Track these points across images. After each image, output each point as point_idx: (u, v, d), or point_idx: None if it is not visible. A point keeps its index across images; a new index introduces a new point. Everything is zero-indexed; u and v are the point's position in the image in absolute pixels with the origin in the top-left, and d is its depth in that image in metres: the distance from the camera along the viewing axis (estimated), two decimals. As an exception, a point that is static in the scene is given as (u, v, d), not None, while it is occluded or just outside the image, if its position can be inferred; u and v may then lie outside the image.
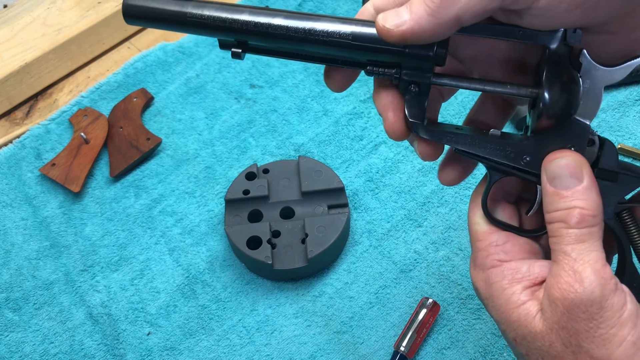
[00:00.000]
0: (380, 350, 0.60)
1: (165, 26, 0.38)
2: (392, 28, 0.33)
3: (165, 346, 0.62)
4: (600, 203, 0.36)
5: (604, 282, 0.34)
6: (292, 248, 0.64)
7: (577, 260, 0.35)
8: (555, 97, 0.36)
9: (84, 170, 0.74)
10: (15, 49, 0.84)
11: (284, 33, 0.36)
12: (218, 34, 0.38)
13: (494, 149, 0.39)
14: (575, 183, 0.36)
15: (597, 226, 0.35)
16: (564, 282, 0.35)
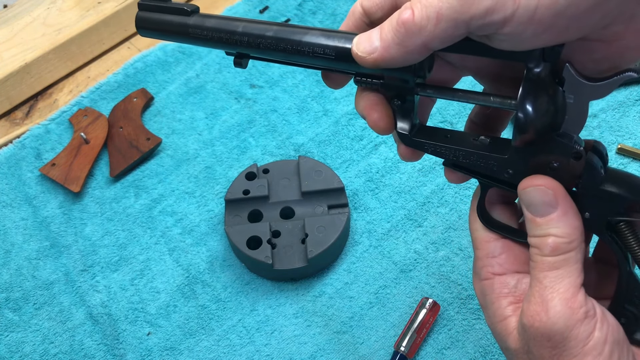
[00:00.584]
0: (380, 350, 0.60)
1: (172, 38, 0.42)
2: (364, 55, 0.35)
3: (165, 346, 0.62)
4: (578, 225, 0.35)
5: (570, 313, 0.34)
6: (292, 248, 0.64)
7: (547, 289, 0.35)
8: (530, 117, 0.35)
9: (84, 170, 0.74)
10: (15, 49, 0.84)
11: (274, 47, 0.39)
12: (218, 46, 0.41)
13: (478, 161, 0.38)
14: (549, 210, 0.35)
15: (574, 251, 0.35)
16: (533, 310, 0.35)
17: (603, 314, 0.35)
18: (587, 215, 0.36)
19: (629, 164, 0.68)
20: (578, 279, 0.35)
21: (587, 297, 0.35)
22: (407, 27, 0.33)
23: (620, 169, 0.39)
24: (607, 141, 0.70)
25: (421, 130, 0.40)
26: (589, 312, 0.35)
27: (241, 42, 0.40)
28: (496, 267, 0.40)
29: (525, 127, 0.35)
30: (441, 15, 0.32)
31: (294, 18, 0.88)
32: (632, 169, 0.68)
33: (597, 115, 0.73)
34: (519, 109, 0.35)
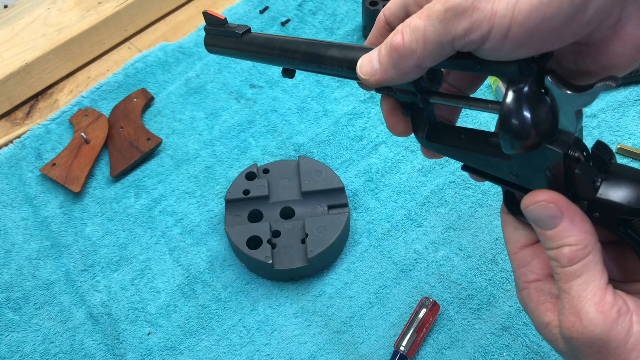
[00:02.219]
0: (380, 350, 0.60)
1: (231, 55, 0.49)
2: (367, 78, 0.37)
3: (166, 346, 0.62)
4: (588, 228, 0.35)
5: (604, 317, 0.34)
6: (292, 248, 0.64)
7: (576, 298, 0.35)
8: (509, 133, 0.35)
9: (84, 170, 0.74)
10: (16, 49, 0.84)
11: (305, 63, 0.44)
12: (267, 63, 0.47)
13: (487, 165, 0.39)
14: (556, 222, 0.36)
15: (591, 254, 0.35)
16: (567, 321, 0.36)
17: (637, 305, 0.35)
18: (596, 215, 0.36)
19: (628, 164, 0.68)
20: (602, 280, 0.35)
21: (616, 293, 0.35)
22: (399, 52, 0.35)
23: None
24: (606, 141, 0.70)
25: (438, 132, 0.42)
26: (622, 309, 0.35)
27: (280, 60, 0.45)
28: (529, 275, 0.40)
29: (506, 144, 0.35)
30: (427, 38, 0.34)
31: (294, 18, 0.88)
32: (632, 169, 0.68)
33: (597, 115, 0.73)
34: (499, 126, 0.35)
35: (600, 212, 0.36)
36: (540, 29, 0.31)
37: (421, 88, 0.40)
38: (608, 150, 0.36)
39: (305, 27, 0.87)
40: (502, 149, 0.36)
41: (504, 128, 0.35)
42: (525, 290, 0.40)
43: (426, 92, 0.40)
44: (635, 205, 0.34)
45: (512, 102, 0.34)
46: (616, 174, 0.36)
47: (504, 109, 0.34)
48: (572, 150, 0.35)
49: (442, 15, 0.33)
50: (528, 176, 0.37)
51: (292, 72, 0.46)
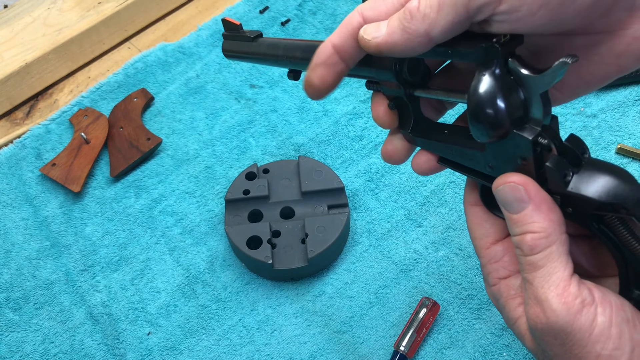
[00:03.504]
0: (380, 350, 0.60)
1: (245, 60, 0.51)
2: (369, 39, 0.36)
3: (166, 346, 0.62)
4: (554, 218, 0.35)
5: (568, 307, 0.34)
6: (292, 248, 0.64)
7: (539, 289, 0.35)
8: (475, 118, 0.35)
9: (84, 170, 0.74)
10: (16, 49, 0.84)
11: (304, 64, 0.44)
12: (276, 65, 0.48)
13: (465, 156, 0.39)
14: (522, 206, 0.35)
15: (554, 244, 0.35)
16: (532, 312, 0.35)
17: (603, 297, 0.35)
18: (569, 210, 0.36)
19: (628, 164, 0.68)
20: (566, 271, 0.35)
21: (582, 284, 0.35)
22: (412, 14, 0.34)
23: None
24: (606, 141, 0.70)
25: (423, 127, 0.42)
26: (586, 300, 0.34)
27: (283, 62, 0.47)
28: (501, 271, 0.40)
29: (473, 131, 0.35)
30: (443, 3, 0.33)
31: (294, 18, 0.88)
32: (632, 168, 0.68)
33: (597, 115, 0.73)
34: (468, 115, 0.35)
35: (573, 207, 0.35)
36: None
37: (404, 80, 0.40)
38: (581, 143, 0.36)
39: (305, 27, 0.87)
40: (474, 137, 0.36)
41: (476, 116, 0.34)
42: (496, 286, 0.40)
43: (410, 86, 0.40)
44: (606, 199, 0.34)
45: (483, 90, 0.34)
46: (589, 167, 0.35)
47: (475, 96, 0.34)
48: (541, 138, 0.34)
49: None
50: (502, 167, 0.37)
51: (298, 74, 0.47)
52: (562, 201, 0.35)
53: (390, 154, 0.43)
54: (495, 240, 0.40)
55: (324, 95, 0.40)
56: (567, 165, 0.35)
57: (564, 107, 0.74)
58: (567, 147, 0.35)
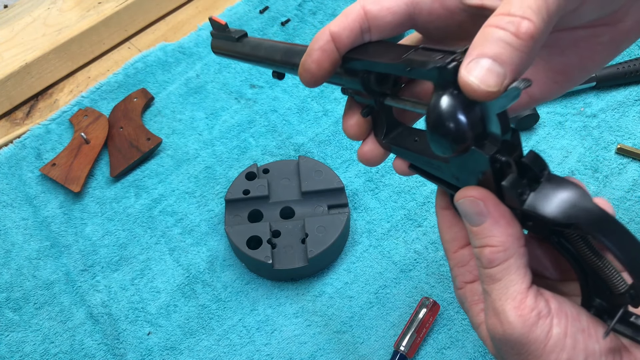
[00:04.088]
0: (380, 350, 0.60)
1: (232, 58, 0.52)
2: (496, 89, 0.31)
3: (166, 346, 0.62)
4: (512, 232, 0.35)
5: (523, 320, 0.34)
6: (292, 248, 0.64)
7: (496, 301, 0.35)
8: (432, 136, 0.34)
9: (84, 170, 0.74)
10: (16, 49, 0.84)
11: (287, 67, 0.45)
12: (259, 66, 0.49)
13: (432, 166, 0.39)
14: (481, 220, 0.36)
15: (512, 258, 0.35)
16: (490, 322, 0.36)
17: (559, 307, 0.35)
18: (530, 224, 0.36)
19: (628, 164, 0.68)
20: (523, 284, 0.35)
21: (539, 295, 0.35)
22: (535, 39, 0.31)
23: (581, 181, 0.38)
24: (606, 141, 0.70)
25: (396, 134, 0.42)
26: (542, 312, 0.35)
27: (265, 64, 0.47)
28: (467, 275, 0.40)
29: (433, 147, 0.35)
30: (550, 10, 0.31)
31: (294, 18, 0.88)
32: (632, 168, 0.68)
33: (597, 115, 0.73)
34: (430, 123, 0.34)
35: (532, 221, 0.36)
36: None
37: (372, 90, 0.40)
38: (539, 160, 0.36)
39: (305, 27, 0.87)
40: (434, 152, 0.36)
41: (434, 134, 0.34)
42: (461, 290, 0.40)
43: (379, 95, 0.40)
44: (561, 219, 0.33)
45: (440, 108, 0.33)
46: (546, 186, 0.35)
47: (433, 114, 0.33)
48: (499, 154, 0.34)
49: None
50: (466, 179, 0.37)
51: (281, 75, 0.47)
52: (522, 215, 0.36)
53: (366, 156, 0.43)
54: (463, 245, 0.40)
55: (319, 82, 0.40)
56: (523, 183, 0.35)
57: (563, 107, 0.74)
58: (526, 165, 0.35)
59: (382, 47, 0.39)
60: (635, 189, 0.67)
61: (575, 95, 0.75)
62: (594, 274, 0.36)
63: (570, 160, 0.70)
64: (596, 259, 0.35)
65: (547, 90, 0.41)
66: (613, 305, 0.36)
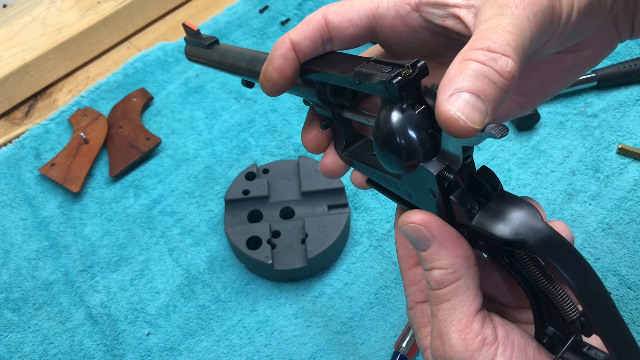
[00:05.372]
0: (381, 350, 0.60)
1: (204, 64, 0.51)
2: (478, 127, 0.30)
3: (165, 346, 0.62)
4: (461, 253, 0.34)
5: (466, 344, 0.34)
6: (292, 248, 0.64)
7: (442, 322, 0.35)
8: (381, 153, 0.34)
9: (83, 170, 0.74)
10: (15, 49, 0.84)
11: (248, 77, 0.45)
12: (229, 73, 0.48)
13: (388, 182, 0.39)
14: (426, 244, 0.35)
15: (461, 279, 0.35)
16: (435, 344, 0.35)
17: (506, 336, 0.34)
18: (481, 243, 0.35)
19: (629, 164, 0.68)
20: (471, 307, 0.35)
21: (487, 322, 0.35)
22: (513, 79, 0.30)
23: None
24: (607, 141, 0.70)
25: (355, 147, 0.41)
26: (487, 340, 0.34)
27: (233, 71, 0.46)
28: (418, 294, 0.39)
29: (381, 163, 0.34)
30: (525, 47, 0.31)
31: (294, 18, 0.88)
32: (633, 168, 0.68)
33: (598, 115, 0.72)
34: (378, 138, 0.34)
35: (483, 240, 0.35)
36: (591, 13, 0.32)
37: (328, 103, 0.39)
38: (491, 176, 0.35)
39: (305, 27, 0.87)
40: (382, 166, 0.35)
41: (380, 149, 0.33)
42: (412, 310, 0.40)
43: (337, 107, 0.39)
44: (508, 237, 0.32)
45: (390, 120, 0.33)
46: (496, 202, 0.34)
47: (379, 130, 0.33)
48: (447, 172, 0.33)
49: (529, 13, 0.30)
50: (418, 196, 0.36)
51: (251, 84, 0.46)
52: (473, 234, 0.35)
53: (328, 170, 0.42)
54: (416, 263, 0.40)
55: (280, 91, 0.39)
56: (473, 199, 0.34)
57: (564, 106, 0.74)
58: (476, 180, 0.34)
59: (339, 58, 0.38)
60: (636, 189, 0.66)
61: (577, 95, 0.74)
62: (545, 299, 0.35)
63: (571, 160, 0.70)
64: (547, 283, 0.34)
65: (509, 110, 0.41)
66: (566, 333, 0.34)
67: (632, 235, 0.63)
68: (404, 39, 0.38)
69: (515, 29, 0.30)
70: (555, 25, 0.32)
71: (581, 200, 0.66)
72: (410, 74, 0.32)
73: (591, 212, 0.65)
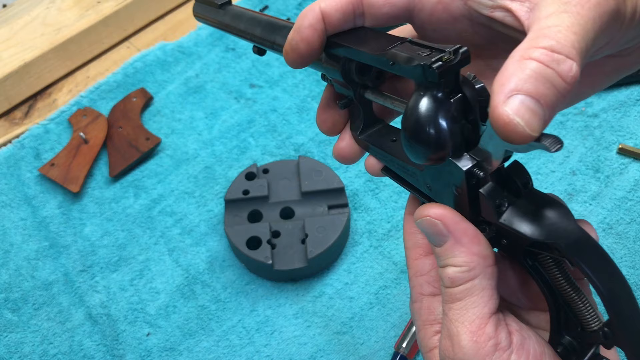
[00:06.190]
0: (381, 350, 0.60)
1: (213, 26, 0.48)
2: (534, 133, 0.28)
3: (165, 347, 0.62)
4: (478, 251, 0.33)
5: (477, 347, 0.32)
6: (292, 248, 0.64)
7: (453, 322, 0.33)
8: (408, 141, 0.32)
9: (83, 170, 0.73)
10: (15, 49, 0.84)
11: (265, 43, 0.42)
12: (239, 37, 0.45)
13: (406, 172, 0.37)
14: (442, 240, 0.33)
15: (477, 279, 0.33)
16: (444, 344, 0.33)
17: (522, 344, 0.33)
18: (504, 242, 0.33)
19: (629, 164, 0.68)
20: (485, 309, 0.33)
21: (502, 326, 0.33)
22: (574, 83, 0.27)
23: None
24: (608, 141, 0.70)
25: (372, 131, 0.39)
26: (500, 345, 0.32)
27: (244, 37, 0.43)
28: (425, 286, 0.37)
29: (408, 155, 0.33)
30: (589, 53, 0.28)
31: (294, 17, 0.88)
32: (633, 168, 0.68)
33: (598, 115, 0.72)
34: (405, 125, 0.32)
35: (507, 239, 0.33)
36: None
37: (352, 81, 0.37)
38: (523, 172, 0.33)
39: (305, 27, 0.87)
40: (408, 157, 0.33)
41: (408, 138, 0.32)
42: (417, 304, 0.37)
43: (361, 87, 0.38)
44: (538, 237, 0.31)
45: (423, 107, 0.31)
46: (527, 200, 0.32)
47: (409, 117, 0.31)
48: (477, 169, 0.32)
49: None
50: (439, 190, 0.34)
51: (262, 50, 0.43)
52: (497, 232, 0.33)
53: (342, 153, 0.40)
54: (426, 253, 0.38)
55: (305, 63, 0.37)
56: (503, 195, 0.32)
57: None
58: (508, 176, 0.33)
59: (369, 35, 0.36)
60: (636, 189, 0.66)
61: (576, 95, 0.74)
62: (566, 306, 0.33)
63: (571, 160, 0.69)
64: (570, 289, 0.32)
65: None
66: (583, 344, 0.33)
67: (633, 235, 0.63)
68: (442, 26, 0.36)
69: (581, 30, 0.27)
70: (617, 29, 0.30)
71: (581, 200, 0.66)
72: (451, 60, 0.30)
73: (591, 212, 0.65)
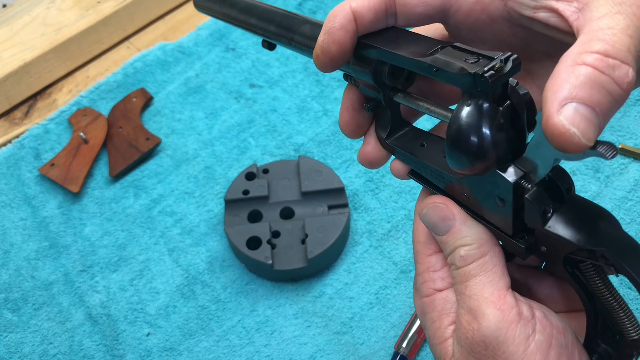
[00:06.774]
0: (381, 351, 0.60)
1: (216, 17, 0.45)
2: (587, 142, 0.27)
3: (165, 347, 0.62)
4: (482, 230, 0.33)
5: (502, 314, 0.31)
6: (292, 248, 0.64)
7: (472, 298, 0.33)
8: (452, 150, 0.31)
9: (83, 170, 0.73)
10: (15, 49, 0.84)
11: (278, 38, 0.40)
12: (247, 31, 0.43)
13: (440, 178, 0.36)
14: (448, 225, 0.34)
15: (487, 255, 0.33)
16: (464, 321, 0.33)
17: (545, 317, 0.32)
18: (543, 249, 0.33)
19: (629, 164, 0.68)
20: (501, 282, 0.33)
21: (521, 300, 0.33)
22: (629, 89, 0.26)
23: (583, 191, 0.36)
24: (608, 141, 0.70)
25: (400, 134, 0.39)
26: (524, 315, 0.32)
27: (256, 31, 0.41)
28: (438, 282, 0.36)
29: (451, 154, 0.32)
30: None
31: (294, 18, 0.88)
32: (633, 168, 0.68)
33: (598, 115, 0.72)
34: (450, 134, 0.31)
35: (547, 245, 0.32)
36: None
37: (383, 84, 0.36)
38: (566, 177, 0.33)
39: (305, 27, 0.87)
40: (449, 165, 0.32)
41: (455, 147, 0.31)
42: (428, 298, 0.37)
43: (390, 89, 0.37)
44: (585, 245, 0.30)
45: (466, 121, 0.30)
46: (571, 206, 0.32)
47: (463, 122, 0.30)
48: (525, 181, 0.31)
49: None
50: (478, 199, 0.34)
51: (273, 45, 0.41)
52: (537, 238, 0.33)
53: (369, 158, 0.39)
54: (438, 249, 0.37)
55: (336, 67, 0.35)
56: (549, 200, 0.32)
57: (565, 106, 0.74)
58: (552, 181, 0.32)
59: (400, 36, 0.34)
60: (636, 189, 0.66)
61: (576, 95, 0.74)
62: (605, 314, 0.33)
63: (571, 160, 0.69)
64: (610, 297, 0.32)
65: None
66: (621, 353, 0.32)
67: (633, 235, 0.63)
68: (478, 27, 0.35)
69: (636, 33, 0.26)
70: None
71: (581, 201, 0.66)
72: (502, 68, 0.29)
73: (591, 212, 0.65)
